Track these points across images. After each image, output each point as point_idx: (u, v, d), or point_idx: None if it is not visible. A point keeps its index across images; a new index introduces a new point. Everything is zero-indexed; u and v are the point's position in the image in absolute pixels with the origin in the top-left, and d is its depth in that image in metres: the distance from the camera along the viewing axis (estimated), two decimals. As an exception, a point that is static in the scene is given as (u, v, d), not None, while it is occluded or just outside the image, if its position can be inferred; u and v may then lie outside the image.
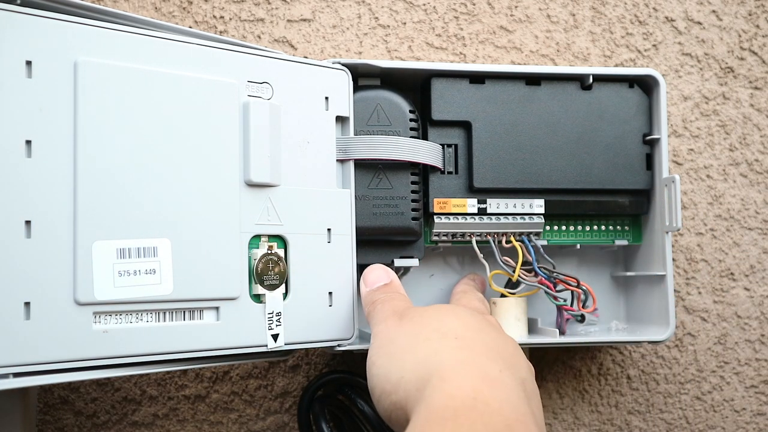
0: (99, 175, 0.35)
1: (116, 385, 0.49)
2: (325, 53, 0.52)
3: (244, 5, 0.51)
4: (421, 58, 0.53)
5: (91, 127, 0.35)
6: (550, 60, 0.54)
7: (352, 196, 0.43)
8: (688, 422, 0.55)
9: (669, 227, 0.46)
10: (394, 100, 0.45)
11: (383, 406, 0.34)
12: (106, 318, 0.35)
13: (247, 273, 0.39)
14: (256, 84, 0.40)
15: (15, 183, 0.33)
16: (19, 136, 0.33)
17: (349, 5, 0.52)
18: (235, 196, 0.39)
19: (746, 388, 0.55)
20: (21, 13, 0.33)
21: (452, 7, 0.53)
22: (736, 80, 0.56)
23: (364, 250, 0.45)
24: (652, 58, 0.55)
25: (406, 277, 0.50)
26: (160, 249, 0.36)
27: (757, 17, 0.57)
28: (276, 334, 0.40)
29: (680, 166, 0.55)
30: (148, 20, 0.38)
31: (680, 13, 0.56)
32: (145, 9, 0.50)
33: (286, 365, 0.51)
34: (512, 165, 0.47)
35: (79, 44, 0.35)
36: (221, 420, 0.50)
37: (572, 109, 0.47)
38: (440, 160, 0.46)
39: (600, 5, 0.55)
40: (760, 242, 0.55)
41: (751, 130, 0.56)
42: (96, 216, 0.35)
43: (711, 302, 0.55)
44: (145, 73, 0.37)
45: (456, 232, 0.46)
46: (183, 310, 0.37)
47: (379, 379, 0.34)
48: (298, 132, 0.42)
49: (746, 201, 0.55)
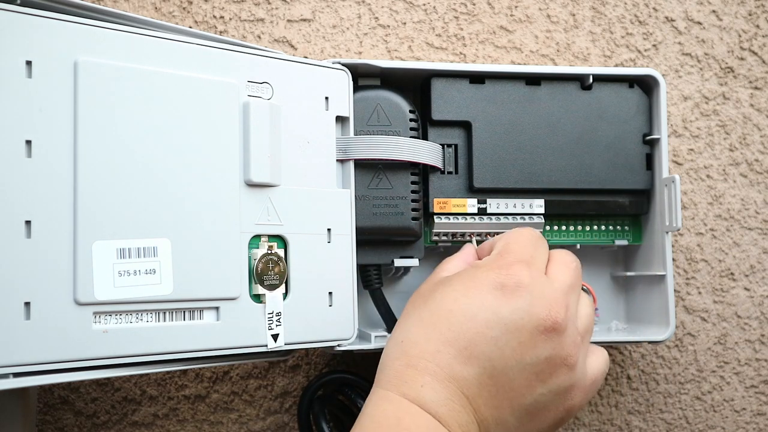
0: (99, 175, 0.35)
1: (116, 385, 0.49)
2: (325, 53, 0.52)
3: (244, 5, 0.51)
4: (421, 58, 0.53)
5: (91, 127, 0.35)
6: (550, 60, 0.54)
7: (352, 196, 0.43)
8: (688, 422, 0.55)
9: (669, 227, 0.46)
10: (394, 100, 0.45)
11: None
12: (106, 318, 0.35)
13: (247, 273, 0.39)
14: (256, 84, 0.40)
15: (15, 183, 0.33)
16: (19, 136, 0.33)
17: (349, 5, 0.52)
18: (235, 196, 0.39)
19: (746, 388, 0.55)
20: (21, 13, 0.33)
21: (452, 7, 0.53)
22: (736, 80, 0.56)
23: (364, 250, 0.45)
24: (652, 58, 0.55)
25: (406, 277, 0.50)
26: (160, 249, 0.36)
27: (757, 17, 0.57)
28: (276, 334, 0.40)
29: (680, 166, 0.55)
30: (148, 20, 0.38)
31: (680, 13, 0.56)
32: (145, 9, 0.50)
33: (286, 365, 0.51)
34: (512, 165, 0.47)
35: (79, 44, 0.35)
36: (221, 420, 0.50)
37: (572, 109, 0.47)
38: (440, 160, 0.46)
39: (600, 5, 0.55)
40: (760, 242, 0.55)
41: (751, 130, 0.56)
42: (96, 216, 0.35)
43: (711, 302, 0.55)
44: (145, 73, 0.37)
45: (456, 232, 0.46)
46: (183, 310, 0.37)
47: (392, 333, 0.38)
48: (298, 132, 0.42)
49: (746, 201, 0.55)
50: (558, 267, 0.38)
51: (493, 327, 0.34)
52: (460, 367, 0.34)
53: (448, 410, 0.33)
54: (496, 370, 0.34)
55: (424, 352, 0.35)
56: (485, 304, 0.35)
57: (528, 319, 0.34)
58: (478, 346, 0.34)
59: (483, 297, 0.35)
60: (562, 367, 0.35)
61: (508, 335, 0.34)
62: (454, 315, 0.35)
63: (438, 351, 0.34)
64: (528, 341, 0.34)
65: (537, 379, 0.35)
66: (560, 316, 0.35)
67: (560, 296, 0.36)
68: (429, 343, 0.35)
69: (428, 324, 0.35)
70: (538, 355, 0.34)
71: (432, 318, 0.36)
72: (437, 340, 0.35)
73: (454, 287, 0.36)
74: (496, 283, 0.35)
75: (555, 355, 0.35)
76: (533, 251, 0.38)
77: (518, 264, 0.36)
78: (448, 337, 0.34)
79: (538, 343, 0.34)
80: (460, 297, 0.36)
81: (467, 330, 0.34)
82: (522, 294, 0.35)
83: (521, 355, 0.34)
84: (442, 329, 0.35)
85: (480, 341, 0.34)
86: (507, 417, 0.35)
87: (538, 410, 0.35)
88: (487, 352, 0.34)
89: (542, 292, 0.35)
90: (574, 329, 0.36)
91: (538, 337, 0.35)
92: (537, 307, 0.35)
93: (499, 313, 0.34)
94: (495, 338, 0.34)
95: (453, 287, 0.36)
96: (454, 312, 0.35)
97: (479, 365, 0.34)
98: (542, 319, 0.35)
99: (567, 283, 0.37)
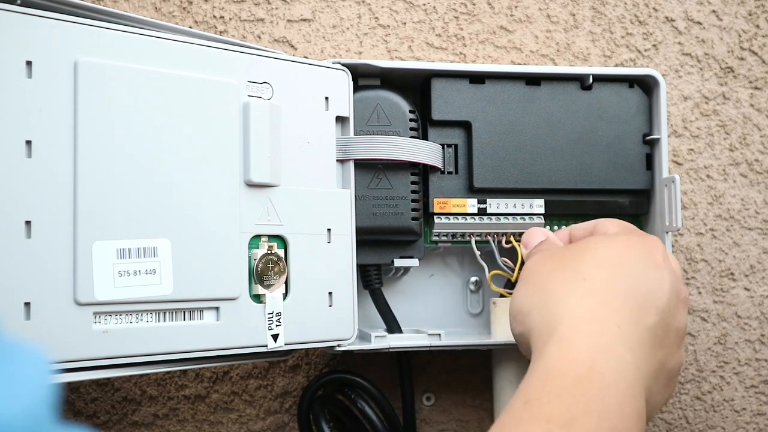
0: (99, 175, 0.35)
1: (116, 385, 0.49)
2: (325, 53, 0.52)
3: (244, 5, 0.51)
4: (421, 58, 0.53)
5: (91, 127, 0.35)
6: (550, 60, 0.54)
7: (352, 196, 0.43)
8: (688, 422, 0.55)
9: (669, 227, 0.46)
10: (394, 100, 0.45)
11: (513, 330, 0.38)
12: (106, 318, 0.35)
13: (247, 273, 0.39)
14: (256, 84, 0.40)
15: (15, 183, 0.33)
16: (19, 136, 0.33)
17: (349, 5, 0.52)
18: (235, 196, 0.39)
19: (746, 388, 0.55)
20: (21, 13, 0.33)
21: (452, 7, 0.53)
22: (736, 80, 0.56)
23: (364, 250, 0.45)
24: (652, 58, 0.55)
25: (406, 277, 0.50)
26: (160, 249, 0.36)
27: (757, 17, 0.57)
28: (276, 334, 0.40)
29: (680, 166, 0.55)
30: (148, 20, 0.38)
31: (680, 13, 0.56)
32: (145, 9, 0.50)
33: (286, 365, 0.51)
34: (512, 165, 0.47)
35: (79, 44, 0.35)
36: (221, 420, 0.50)
37: (572, 109, 0.47)
38: (440, 160, 0.46)
39: (600, 5, 0.55)
40: (760, 242, 0.55)
41: (751, 130, 0.56)
42: (96, 216, 0.35)
43: (711, 302, 0.55)
44: (145, 73, 0.37)
45: (456, 232, 0.46)
46: (183, 310, 0.37)
47: (514, 305, 0.38)
48: (298, 132, 0.42)
49: (746, 201, 0.55)
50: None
51: (663, 284, 0.36)
52: (645, 314, 0.35)
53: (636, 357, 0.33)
54: (666, 324, 0.35)
55: (614, 294, 0.35)
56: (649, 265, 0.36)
57: (679, 287, 0.37)
58: (655, 299, 0.35)
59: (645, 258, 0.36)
60: (683, 341, 0.37)
61: (671, 295, 0.36)
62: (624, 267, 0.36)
63: (627, 294, 0.35)
64: (681, 307, 0.37)
65: (678, 345, 0.37)
66: (685, 289, 0.38)
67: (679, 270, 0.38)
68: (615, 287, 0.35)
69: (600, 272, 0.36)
70: (682, 321, 0.37)
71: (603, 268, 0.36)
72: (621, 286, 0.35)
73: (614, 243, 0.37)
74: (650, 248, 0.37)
75: (684, 327, 0.37)
76: None
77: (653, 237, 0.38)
78: (628, 286, 0.35)
79: (682, 311, 0.37)
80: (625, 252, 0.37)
81: (643, 283, 0.35)
82: (668, 266, 0.37)
83: (675, 318, 0.36)
84: (620, 276, 0.35)
85: (655, 296, 0.35)
86: (660, 375, 0.35)
87: (672, 377, 0.37)
88: (661, 307, 0.35)
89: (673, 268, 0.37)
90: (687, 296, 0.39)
91: (683, 306, 0.37)
92: (680, 280, 0.37)
93: (662, 273, 0.36)
94: (666, 294, 0.35)
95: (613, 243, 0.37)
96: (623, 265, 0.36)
97: (657, 315, 0.35)
98: (679, 291, 0.37)
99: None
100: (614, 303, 0.34)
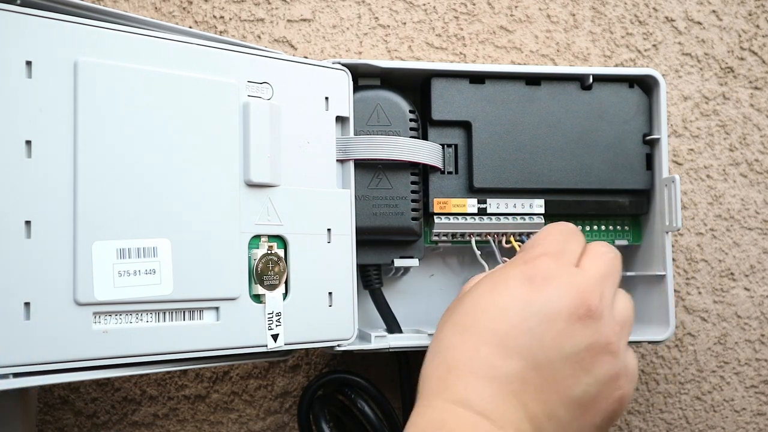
0: (99, 175, 0.35)
1: (116, 385, 0.49)
2: (325, 53, 0.52)
3: (244, 5, 0.51)
4: (421, 58, 0.53)
5: (91, 127, 0.35)
6: (550, 60, 0.54)
7: (352, 196, 0.43)
8: (688, 422, 0.55)
9: (669, 227, 0.46)
10: (394, 100, 0.45)
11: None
12: (106, 318, 0.35)
13: (247, 273, 0.39)
14: (256, 84, 0.40)
15: (15, 183, 0.33)
16: (19, 136, 0.33)
17: (349, 5, 0.52)
18: (235, 197, 0.39)
19: (746, 388, 0.55)
20: (21, 13, 0.33)
21: (452, 7, 0.53)
22: (736, 80, 0.56)
23: (364, 250, 0.45)
24: (652, 58, 0.55)
25: (406, 277, 0.50)
26: (160, 249, 0.36)
27: (757, 17, 0.57)
28: (276, 334, 0.40)
29: (680, 166, 0.55)
30: (148, 20, 0.38)
31: (680, 13, 0.56)
32: (145, 9, 0.50)
33: (286, 365, 0.51)
34: (512, 165, 0.47)
35: (79, 44, 0.35)
36: (221, 420, 0.50)
37: (572, 109, 0.47)
38: (440, 160, 0.46)
39: (600, 5, 0.55)
40: (760, 242, 0.55)
41: (751, 130, 0.56)
42: (96, 216, 0.35)
43: (711, 302, 0.55)
44: (145, 73, 0.37)
45: (456, 232, 0.46)
46: (183, 310, 0.37)
47: (428, 349, 0.36)
48: (298, 132, 0.42)
49: (746, 201, 0.55)
50: (591, 258, 0.37)
51: (528, 318, 0.34)
52: (500, 362, 0.33)
53: (495, 408, 0.32)
54: (538, 362, 0.33)
55: (461, 354, 0.34)
56: (516, 297, 0.34)
57: (562, 307, 0.34)
58: (515, 339, 0.33)
59: (513, 291, 0.34)
60: (604, 354, 0.34)
61: (545, 325, 0.34)
62: (486, 312, 0.34)
63: (476, 350, 0.33)
64: (566, 329, 0.34)
65: (581, 369, 0.34)
66: (594, 303, 0.34)
67: (593, 283, 0.35)
68: (466, 344, 0.34)
69: (462, 327, 0.35)
70: (577, 343, 0.34)
71: (465, 320, 0.35)
72: (473, 339, 0.34)
73: (482, 287, 0.36)
74: (523, 276, 0.35)
75: (594, 343, 0.34)
76: (562, 244, 0.37)
77: (544, 256, 0.36)
78: (484, 335, 0.34)
79: (575, 330, 0.34)
80: (489, 295, 0.35)
81: (502, 324, 0.34)
82: (552, 284, 0.34)
83: (561, 345, 0.33)
84: (477, 328, 0.34)
85: (517, 334, 0.33)
86: (558, 410, 0.33)
87: (588, 402, 0.34)
88: (525, 344, 0.33)
89: (573, 280, 0.35)
90: (611, 317, 0.35)
91: (575, 324, 0.34)
92: (569, 295, 0.34)
93: (531, 304, 0.34)
94: (531, 329, 0.33)
95: (481, 288, 0.36)
96: (486, 309, 0.34)
97: (520, 358, 0.33)
98: (576, 306, 0.34)
99: (600, 272, 0.36)
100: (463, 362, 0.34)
